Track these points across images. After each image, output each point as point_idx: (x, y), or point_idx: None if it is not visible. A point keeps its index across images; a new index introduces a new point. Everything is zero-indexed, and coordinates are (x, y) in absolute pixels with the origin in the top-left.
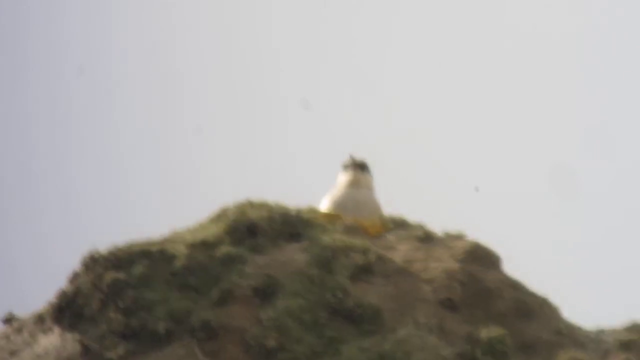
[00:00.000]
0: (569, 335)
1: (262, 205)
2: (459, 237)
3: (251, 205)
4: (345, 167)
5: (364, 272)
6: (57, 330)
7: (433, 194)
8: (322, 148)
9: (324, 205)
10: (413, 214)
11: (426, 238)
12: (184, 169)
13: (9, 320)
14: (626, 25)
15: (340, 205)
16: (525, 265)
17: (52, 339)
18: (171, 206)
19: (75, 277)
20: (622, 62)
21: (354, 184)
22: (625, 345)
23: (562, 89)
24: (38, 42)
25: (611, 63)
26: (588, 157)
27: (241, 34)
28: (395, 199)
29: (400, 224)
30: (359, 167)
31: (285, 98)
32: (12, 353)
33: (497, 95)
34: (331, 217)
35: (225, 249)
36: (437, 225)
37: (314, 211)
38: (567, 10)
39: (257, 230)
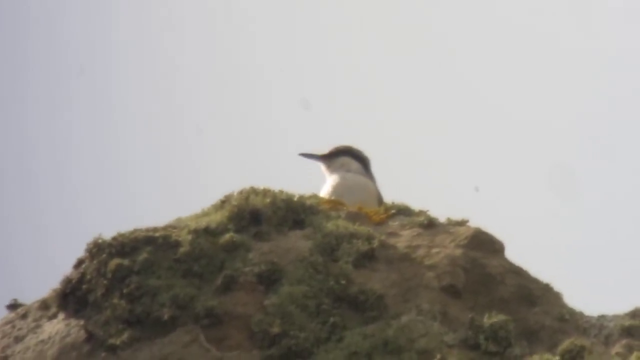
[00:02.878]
0: (572, 322)
1: (266, 192)
2: (461, 223)
3: (254, 192)
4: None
5: (367, 258)
6: (61, 316)
7: (432, 194)
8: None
9: (322, 193)
10: None
11: (429, 224)
12: (184, 169)
13: (13, 306)
14: (626, 24)
15: (333, 191)
16: (525, 264)
17: (56, 325)
18: (171, 206)
19: (79, 263)
20: (622, 61)
21: (341, 168)
22: (627, 331)
23: (562, 89)
24: (38, 42)
25: (611, 63)
26: (588, 157)
27: (241, 33)
28: (394, 198)
29: (403, 211)
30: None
31: (285, 98)
32: (17, 339)
33: (497, 94)
34: (334, 204)
35: (228, 236)
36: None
37: (316, 197)
38: (568, 10)
39: (260, 217)
